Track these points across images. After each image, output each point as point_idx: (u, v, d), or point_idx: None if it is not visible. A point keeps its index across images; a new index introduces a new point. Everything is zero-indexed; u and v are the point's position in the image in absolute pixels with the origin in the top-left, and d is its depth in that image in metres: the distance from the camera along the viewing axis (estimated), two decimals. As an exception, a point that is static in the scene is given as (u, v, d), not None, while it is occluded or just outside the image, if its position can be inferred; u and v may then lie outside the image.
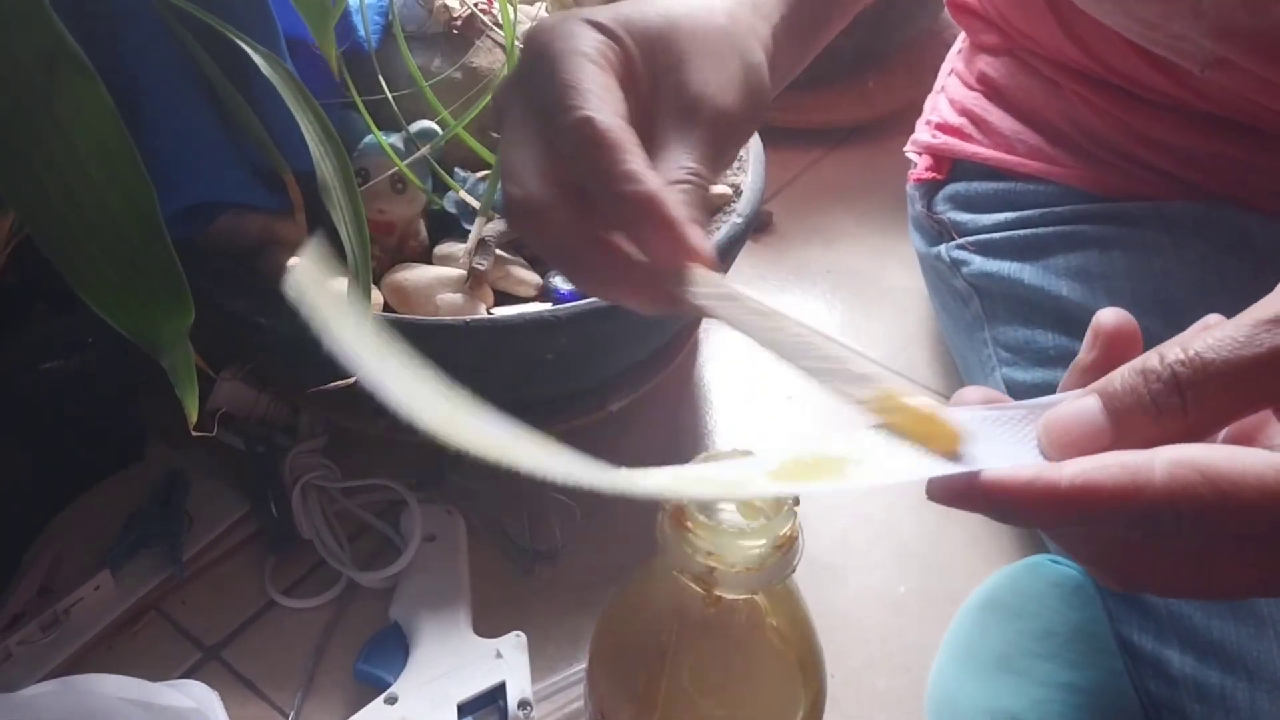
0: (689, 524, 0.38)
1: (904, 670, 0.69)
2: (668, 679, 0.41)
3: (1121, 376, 0.32)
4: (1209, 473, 0.29)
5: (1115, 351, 0.35)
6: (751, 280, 0.98)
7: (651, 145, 0.41)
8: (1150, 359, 0.32)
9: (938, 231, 0.82)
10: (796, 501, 0.39)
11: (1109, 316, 0.35)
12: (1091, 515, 0.30)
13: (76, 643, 0.65)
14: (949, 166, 0.82)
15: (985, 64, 0.80)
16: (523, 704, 0.64)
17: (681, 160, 0.40)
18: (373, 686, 0.65)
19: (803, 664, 0.42)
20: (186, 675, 0.66)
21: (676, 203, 0.38)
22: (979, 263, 0.77)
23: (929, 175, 0.83)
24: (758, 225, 1.02)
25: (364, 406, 0.75)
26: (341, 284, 0.52)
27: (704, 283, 0.37)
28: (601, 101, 0.39)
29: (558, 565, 0.73)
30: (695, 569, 0.38)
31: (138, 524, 0.70)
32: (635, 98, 0.42)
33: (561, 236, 0.40)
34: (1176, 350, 0.31)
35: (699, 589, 0.39)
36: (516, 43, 0.73)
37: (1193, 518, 0.29)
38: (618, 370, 0.77)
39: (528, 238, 0.42)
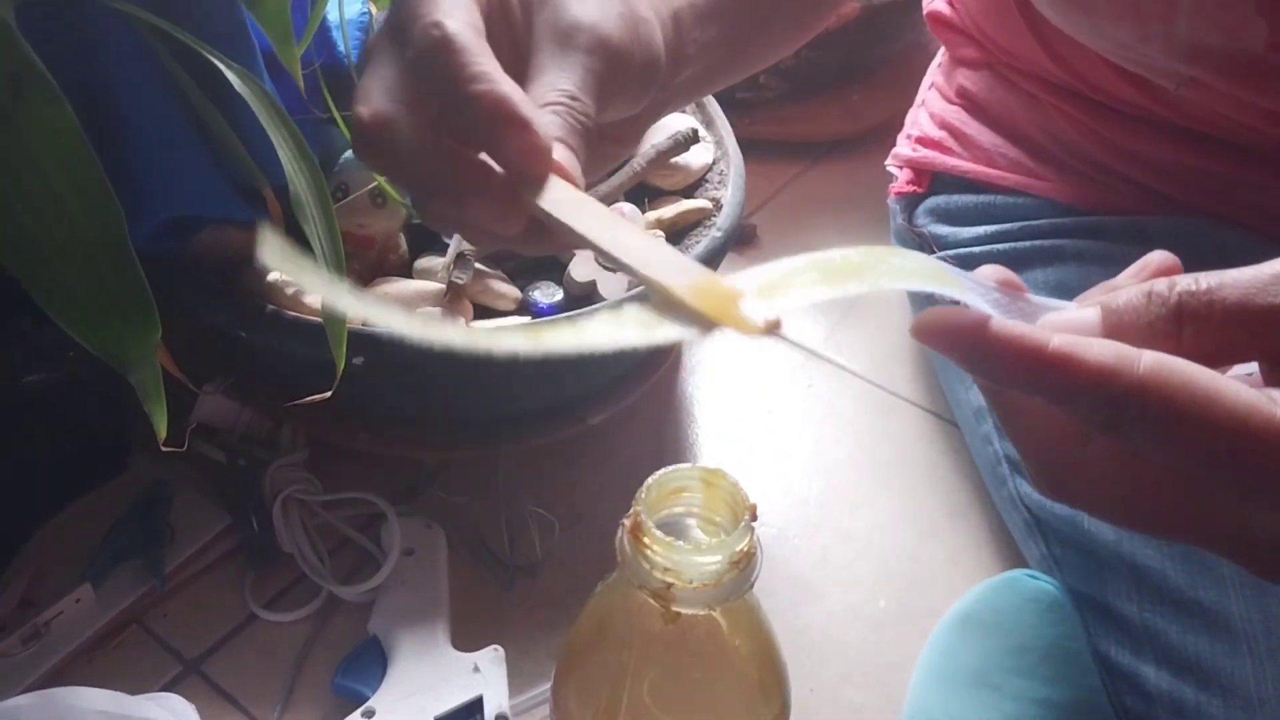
0: (646, 540, 0.38)
1: (880, 686, 0.70)
2: (628, 694, 0.41)
3: (1127, 294, 0.32)
4: (1191, 383, 0.28)
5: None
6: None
7: (526, 80, 0.39)
8: (1159, 283, 0.31)
9: (919, 245, 0.83)
10: (754, 517, 0.39)
11: (1159, 257, 0.35)
12: (1064, 385, 0.29)
13: (56, 655, 0.65)
14: (929, 180, 0.82)
15: (964, 78, 0.80)
16: (500, 718, 0.64)
17: (556, 83, 0.38)
18: (351, 700, 0.65)
19: (764, 681, 0.43)
20: (167, 688, 0.66)
21: (528, 104, 0.36)
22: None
23: (910, 189, 0.83)
24: (741, 239, 1.02)
25: (345, 420, 0.76)
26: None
27: (559, 190, 0.35)
28: (454, 8, 0.37)
29: (537, 579, 0.73)
30: (653, 585, 0.38)
31: (119, 536, 0.70)
32: (509, 33, 0.41)
33: (410, 151, 0.38)
34: (1189, 280, 0.31)
35: (657, 605, 0.39)
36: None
37: (1158, 419, 0.29)
38: (598, 383, 0.77)
39: (375, 160, 0.39)
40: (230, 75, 0.53)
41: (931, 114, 0.83)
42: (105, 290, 0.44)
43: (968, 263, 0.77)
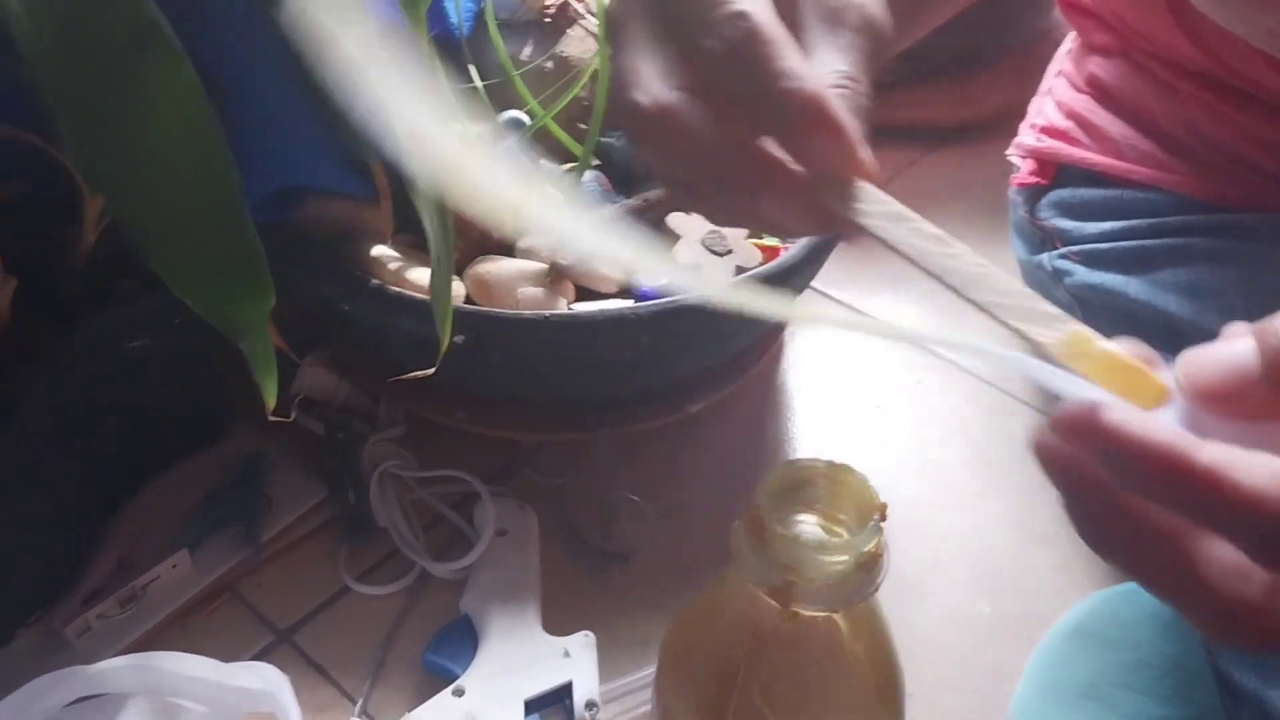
0: (767, 535, 0.36)
1: (980, 692, 0.67)
2: (738, 693, 0.39)
3: None
4: None
5: None
6: (841, 284, 0.95)
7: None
8: None
9: (1041, 239, 0.79)
10: (883, 517, 0.37)
11: None
12: (1217, 508, 0.26)
13: (152, 620, 0.66)
14: (1054, 171, 0.79)
15: (1096, 65, 0.77)
16: (589, 705, 0.63)
17: (835, 64, 0.35)
18: (440, 677, 0.64)
19: (882, 688, 0.40)
20: (258, 657, 0.66)
21: (841, 106, 0.34)
22: (1082, 274, 0.74)
23: (1033, 180, 0.80)
24: (852, 227, 1.00)
25: (443, 398, 0.75)
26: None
27: (870, 200, 0.33)
28: None
29: (629, 567, 0.72)
30: (771, 582, 0.37)
31: (217, 504, 0.71)
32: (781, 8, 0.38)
33: (699, 143, 0.35)
34: None
35: (775, 603, 0.37)
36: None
37: None
38: (698, 371, 0.75)
39: (655, 152, 0.37)
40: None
41: (1058, 102, 0.80)
42: (220, 255, 0.43)
43: (1092, 260, 0.74)
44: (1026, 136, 0.82)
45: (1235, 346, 0.28)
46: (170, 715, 0.62)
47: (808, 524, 0.39)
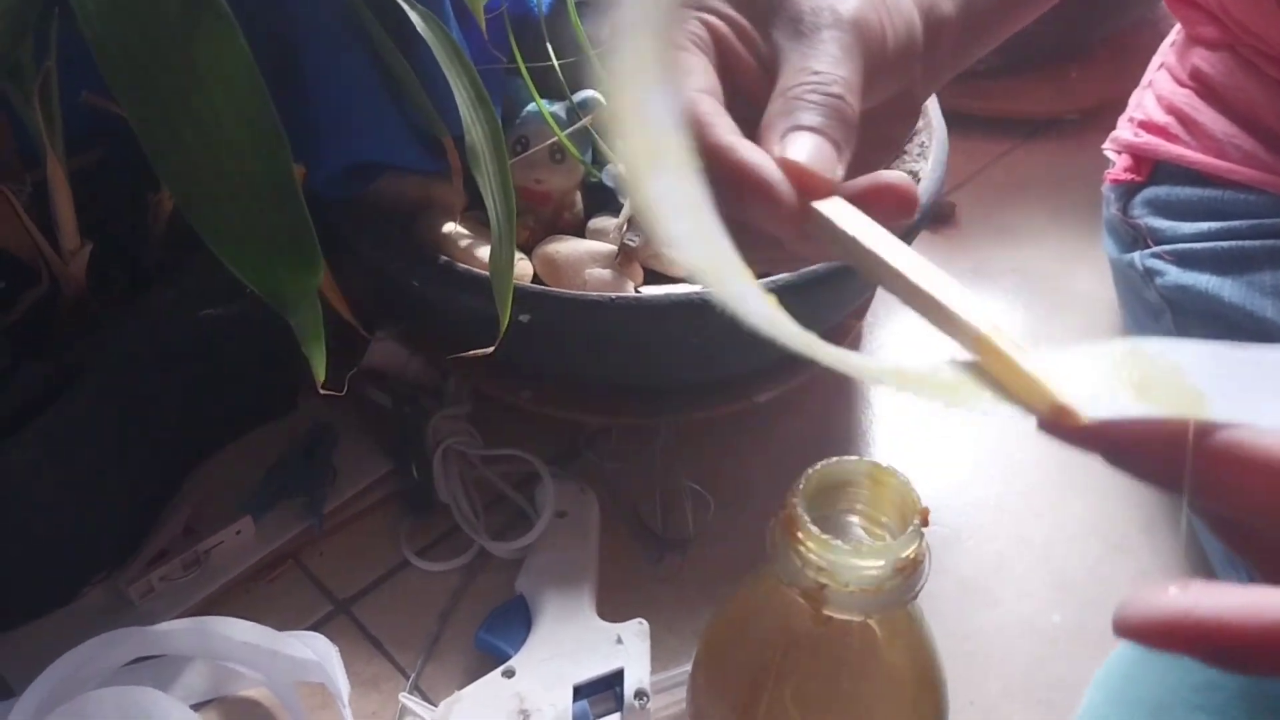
0: (800, 535, 0.35)
1: (1046, 705, 0.65)
2: (770, 695, 0.38)
3: None
4: None
5: None
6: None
7: (772, 86, 0.36)
8: None
9: (1132, 237, 0.76)
10: (924, 521, 0.36)
11: None
12: None
13: (215, 584, 0.67)
14: (1150, 168, 0.76)
15: (1200, 59, 0.73)
16: (639, 694, 0.62)
17: (798, 64, 0.35)
18: (493, 656, 0.64)
19: (919, 699, 0.39)
20: (316, 626, 0.67)
21: (767, 164, 0.32)
22: (1175, 274, 0.71)
23: (1127, 176, 0.77)
24: (939, 217, 0.97)
25: (509, 377, 0.75)
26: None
27: (824, 224, 0.31)
28: (689, 69, 0.35)
29: (688, 556, 0.71)
30: (804, 584, 0.35)
31: (283, 473, 0.72)
32: (738, 65, 0.38)
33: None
34: None
35: (808, 606, 0.36)
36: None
37: None
38: (767, 360, 0.74)
39: None
40: (414, 16, 0.52)
41: (1159, 97, 0.76)
42: (268, 226, 0.43)
43: (1186, 260, 0.71)
44: (1124, 131, 0.78)
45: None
46: (227, 680, 0.63)
47: (852, 525, 0.37)
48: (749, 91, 0.37)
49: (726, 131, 0.33)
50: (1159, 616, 0.24)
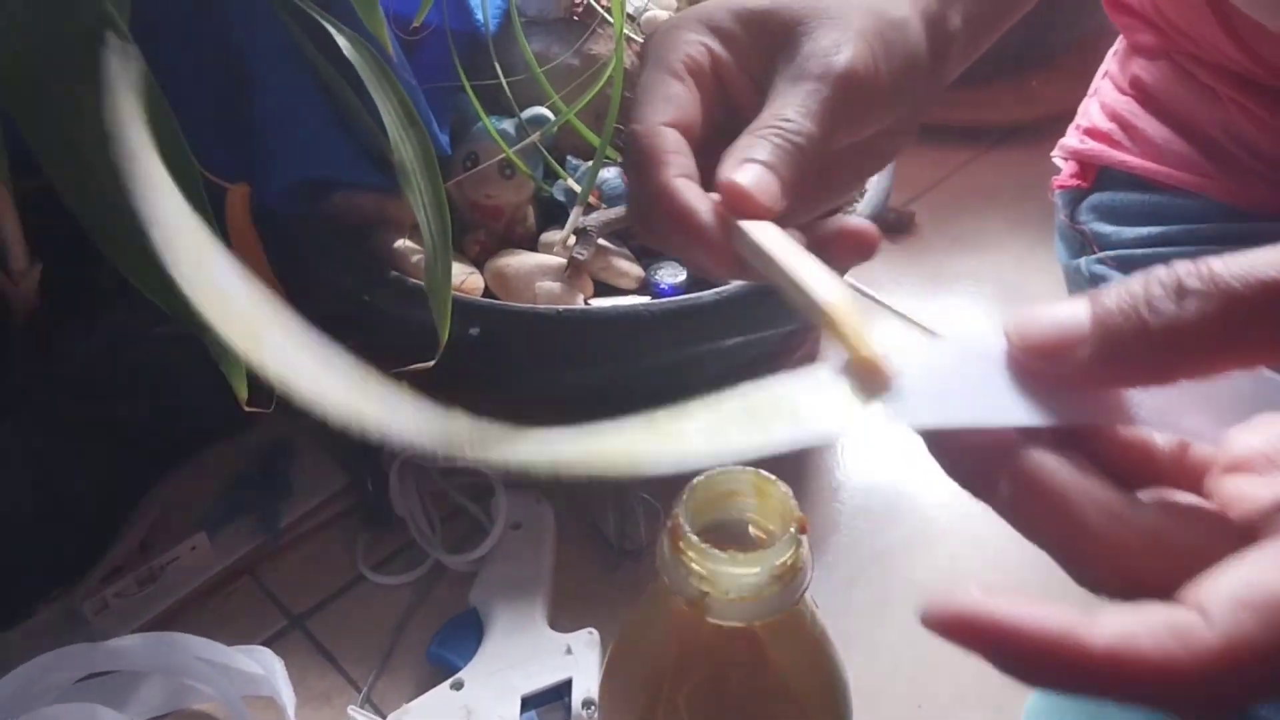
0: (681, 544, 0.36)
1: (995, 709, 0.65)
2: (664, 705, 0.39)
3: (1123, 281, 0.27)
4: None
5: None
6: (885, 284, 0.93)
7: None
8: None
9: (1080, 243, 0.77)
10: (802, 529, 0.36)
11: None
12: (1131, 690, 0.23)
13: (169, 599, 0.68)
14: (1095, 174, 0.76)
15: (1140, 67, 0.74)
16: (587, 703, 0.62)
17: (776, 110, 0.37)
18: (444, 669, 0.65)
19: (811, 703, 0.39)
20: (270, 641, 0.68)
21: (700, 202, 0.35)
22: (1118, 279, 0.72)
23: (1074, 182, 0.77)
24: (898, 227, 0.98)
25: (463, 389, 0.75)
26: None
27: (746, 241, 0.33)
28: (656, 105, 0.37)
29: (642, 565, 0.71)
30: (689, 593, 0.36)
31: (239, 489, 0.72)
32: (737, 91, 0.40)
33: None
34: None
35: (693, 614, 0.37)
36: (627, 31, 0.71)
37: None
38: (719, 371, 0.74)
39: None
40: (342, 41, 0.52)
41: (1103, 104, 0.77)
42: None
43: (1127, 266, 0.71)
44: (1070, 138, 0.79)
45: (1067, 306, 0.27)
46: (181, 695, 0.64)
47: (742, 533, 0.38)
48: (746, 114, 0.39)
49: (674, 173, 0.36)
50: (956, 614, 0.25)
